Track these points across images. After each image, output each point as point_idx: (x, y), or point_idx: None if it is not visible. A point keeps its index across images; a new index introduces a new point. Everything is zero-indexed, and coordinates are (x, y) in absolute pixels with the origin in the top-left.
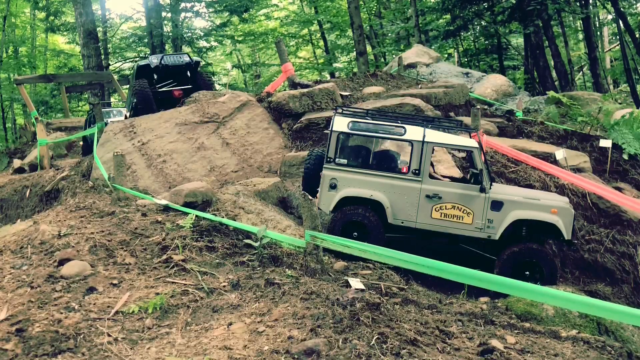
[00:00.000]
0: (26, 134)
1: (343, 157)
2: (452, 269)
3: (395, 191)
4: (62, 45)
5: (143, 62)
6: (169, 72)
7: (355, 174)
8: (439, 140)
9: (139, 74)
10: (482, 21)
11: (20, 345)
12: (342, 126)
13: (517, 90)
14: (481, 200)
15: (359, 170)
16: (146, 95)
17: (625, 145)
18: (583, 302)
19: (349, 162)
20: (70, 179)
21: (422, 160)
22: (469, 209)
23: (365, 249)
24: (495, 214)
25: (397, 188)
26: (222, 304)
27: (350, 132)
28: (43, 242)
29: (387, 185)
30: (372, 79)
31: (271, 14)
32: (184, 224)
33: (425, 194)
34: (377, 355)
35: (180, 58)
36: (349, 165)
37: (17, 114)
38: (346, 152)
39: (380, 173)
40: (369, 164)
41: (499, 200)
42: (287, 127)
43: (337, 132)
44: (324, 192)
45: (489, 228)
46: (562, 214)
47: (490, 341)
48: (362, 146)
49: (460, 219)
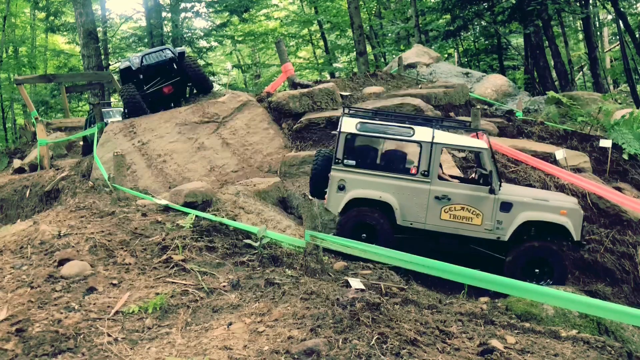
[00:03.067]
0: (26, 134)
1: (351, 158)
2: (452, 269)
3: (404, 192)
4: (62, 45)
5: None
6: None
7: (363, 175)
8: (448, 141)
9: (124, 78)
10: (482, 21)
11: (20, 345)
12: (351, 127)
13: (517, 90)
14: (490, 201)
15: (368, 171)
16: (136, 102)
17: (625, 145)
18: (583, 302)
19: (357, 163)
20: (70, 179)
21: (431, 161)
22: (478, 210)
23: (365, 248)
24: (504, 215)
25: (406, 189)
26: (222, 304)
27: (358, 133)
28: (43, 242)
29: (396, 187)
30: (372, 79)
31: (271, 14)
32: (184, 224)
33: (434, 196)
34: (377, 355)
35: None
36: (357, 167)
37: (17, 114)
38: (354, 153)
39: (389, 174)
40: (378, 165)
41: (509, 202)
42: (287, 127)
43: (345, 133)
44: (332, 193)
45: (498, 229)
46: (571, 215)
47: (490, 341)
48: (370, 147)
49: (470, 220)
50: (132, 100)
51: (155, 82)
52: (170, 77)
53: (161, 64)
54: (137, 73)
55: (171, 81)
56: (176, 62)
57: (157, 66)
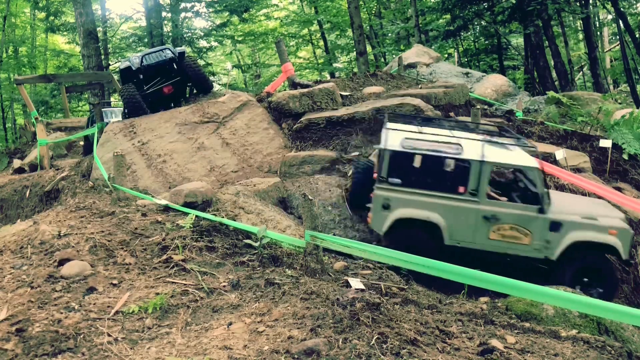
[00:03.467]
0: (26, 134)
1: (396, 176)
2: (452, 269)
3: (451, 212)
4: (62, 45)
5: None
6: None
7: (409, 194)
8: (498, 159)
9: (124, 78)
10: (482, 21)
11: (20, 345)
12: (396, 144)
13: (517, 90)
14: (540, 221)
15: (414, 190)
16: (135, 102)
17: (625, 145)
18: (583, 302)
19: (402, 182)
20: (70, 179)
21: (480, 180)
22: (528, 230)
23: (365, 248)
24: (553, 235)
25: (454, 209)
26: (222, 304)
27: (403, 151)
28: (43, 242)
29: (444, 206)
30: (372, 79)
31: (271, 14)
32: (184, 224)
33: (483, 215)
34: (377, 355)
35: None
36: (402, 185)
37: (17, 114)
38: (399, 171)
39: (436, 193)
40: (424, 183)
41: (558, 222)
42: (287, 127)
43: (390, 151)
44: (377, 212)
45: (546, 249)
46: (621, 236)
47: (490, 341)
48: (415, 164)
49: (519, 240)
50: (132, 100)
51: (155, 82)
52: (170, 77)
53: (161, 64)
54: (137, 73)
55: (171, 81)
56: (176, 62)
57: (157, 66)
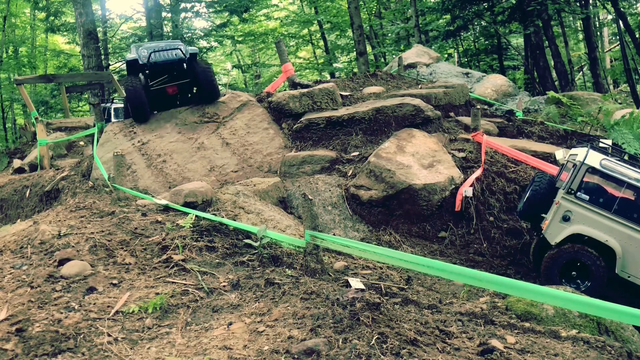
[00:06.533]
0: (26, 134)
1: (585, 192)
2: (452, 269)
3: (632, 243)
4: (62, 46)
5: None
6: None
7: (593, 214)
8: None
9: (130, 69)
10: (482, 21)
11: (20, 345)
12: (595, 162)
13: (517, 90)
14: None
15: (599, 210)
16: (138, 93)
17: (625, 145)
18: (583, 302)
19: (590, 199)
20: (70, 178)
21: None
22: None
23: (365, 248)
24: None
25: (637, 241)
26: (222, 304)
27: (601, 170)
28: (43, 242)
29: (626, 235)
30: (372, 79)
31: (271, 14)
32: (184, 224)
33: None
34: (377, 355)
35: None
36: (589, 202)
37: (17, 114)
38: (589, 188)
39: (622, 220)
40: (611, 207)
41: None
42: (287, 127)
43: (587, 166)
44: (555, 222)
45: None
46: None
47: (490, 341)
48: (607, 187)
49: None
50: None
51: (161, 80)
52: (177, 77)
53: (169, 64)
54: (143, 67)
55: (177, 82)
56: (186, 62)
57: (164, 65)
